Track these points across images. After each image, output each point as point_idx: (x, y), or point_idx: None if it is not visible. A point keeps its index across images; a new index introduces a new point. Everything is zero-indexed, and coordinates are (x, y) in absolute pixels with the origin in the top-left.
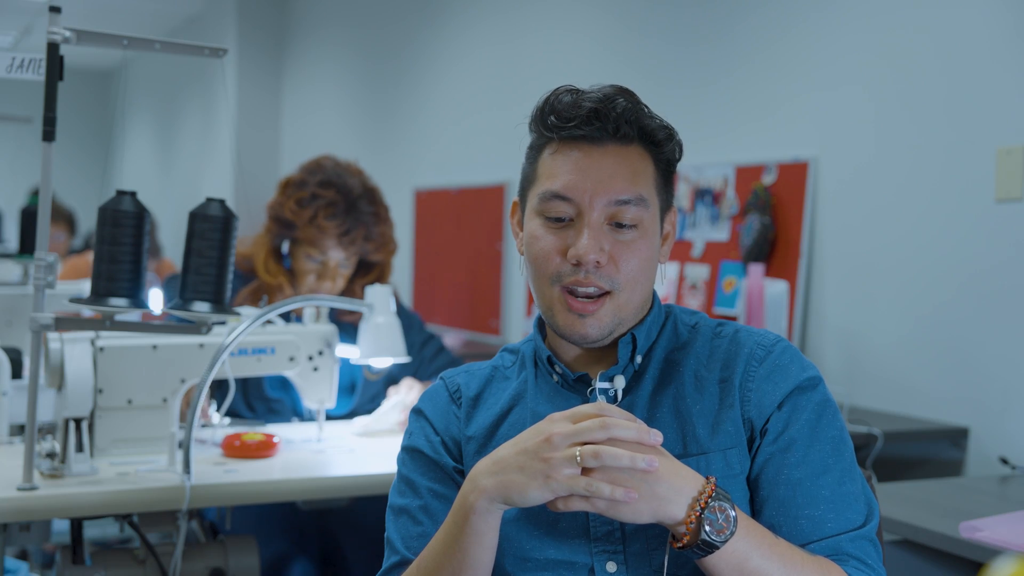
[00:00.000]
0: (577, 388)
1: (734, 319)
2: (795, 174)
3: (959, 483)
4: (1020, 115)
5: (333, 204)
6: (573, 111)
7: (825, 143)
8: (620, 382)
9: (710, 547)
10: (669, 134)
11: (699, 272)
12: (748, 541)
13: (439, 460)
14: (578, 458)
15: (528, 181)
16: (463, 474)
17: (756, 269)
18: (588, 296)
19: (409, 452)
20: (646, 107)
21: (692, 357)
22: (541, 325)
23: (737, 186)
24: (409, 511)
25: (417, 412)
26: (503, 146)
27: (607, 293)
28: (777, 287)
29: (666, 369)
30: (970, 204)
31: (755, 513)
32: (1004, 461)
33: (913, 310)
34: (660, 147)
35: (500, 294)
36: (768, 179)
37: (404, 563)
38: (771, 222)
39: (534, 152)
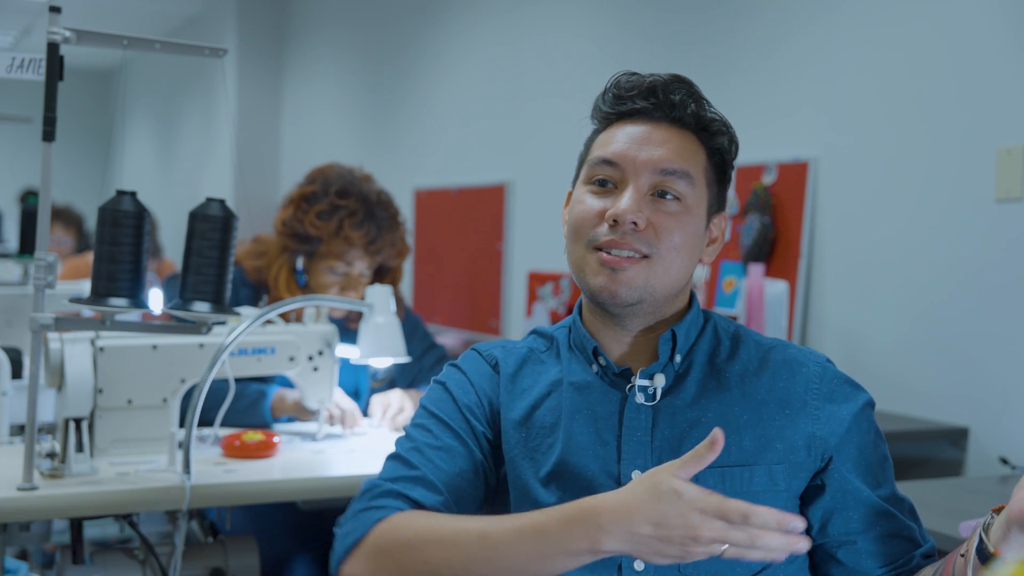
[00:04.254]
0: (617, 383)
1: (734, 319)
2: (795, 174)
3: (959, 483)
4: (1020, 115)
5: (355, 213)
6: (634, 85)
7: (825, 143)
8: (660, 380)
9: None
10: (724, 126)
11: (699, 272)
12: None
13: (468, 415)
14: (721, 554)
15: (581, 162)
16: (489, 441)
17: (756, 269)
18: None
19: (442, 388)
20: (706, 99)
21: (737, 364)
22: (581, 312)
23: (737, 186)
24: (426, 427)
25: (455, 367)
26: (503, 147)
27: (644, 257)
28: (777, 287)
29: (712, 375)
30: (970, 204)
31: (855, 530)
32: (1004, 461)
33: (913, 310)
34: (713, 137)
35: (500, 294)
36: (768, 179)
37: (424, 480)
38: (771, 222)
39: (591, 137)
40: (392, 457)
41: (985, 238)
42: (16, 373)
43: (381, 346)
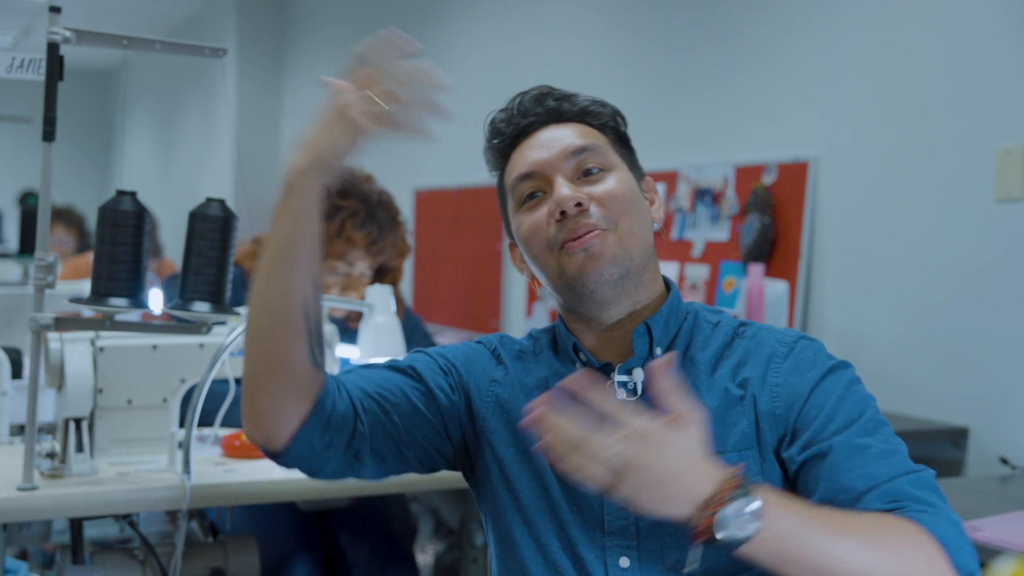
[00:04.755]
0: (598, 378)
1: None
2: (795, 174)
3: (959, 483)
4: (1020, 115)
5: (356, 213)
6: (505, 115)
7: (825, 143)
8: (639, 375)
9: (735, 545)
10: (600, 102)
11: (699, 272)
12: (781, 523)
13: (441, 362)
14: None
15: (503, 200)
16: (448, 394)
17: (756, 269)
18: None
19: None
20: (571, 92)
21: (709, 353)
22: (562, 317)
23: (737, 186)
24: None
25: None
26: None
27: (604, 231)
28: (777, 287)
29: (686, 365)
30: (970, 204)
31: (810, 492)
32: (1004, 461)
33: (913, 310)
34: (598, 117)
35: (500, 294)
36: (768, 179)
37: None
38: (771, 222)
39: (498, 181)
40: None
41: (985, 238)
42: (16, 373)
43: (381, 346)
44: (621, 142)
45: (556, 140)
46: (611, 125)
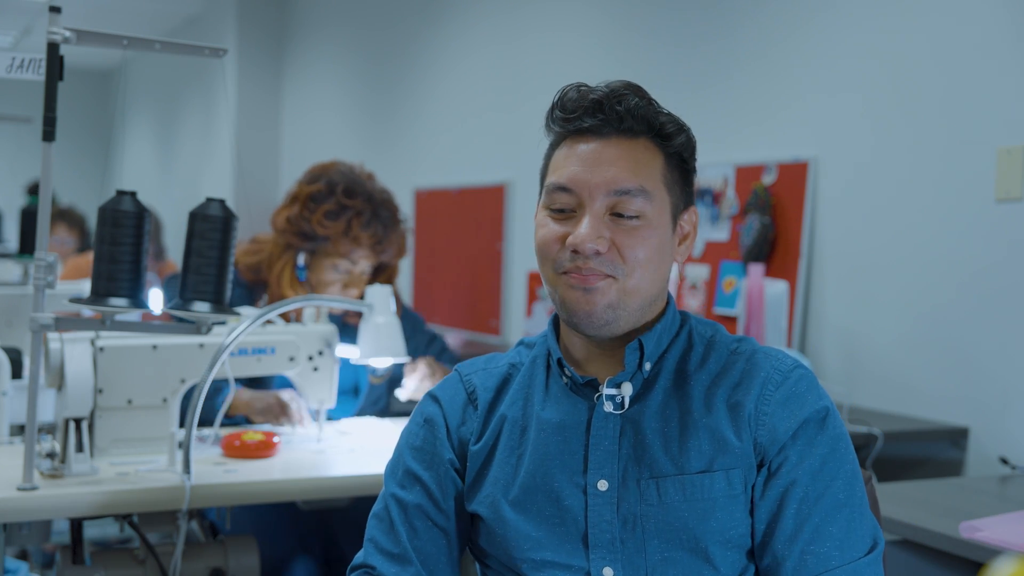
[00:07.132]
0: (584, 392)
1: (734, 319)
2: (795, 174)
3: (959, 483)
4: (1020, 115)
5: (361, 213)
6: (578, 104)
7: (825, 143)
8: (627, 389)
9: None
10: (679, 127)
11: (699, 272)
12: None
13: (440, 453)
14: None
15: (541, 180)
16: (460, 474)
17: (756, 269)
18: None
19: (426, 430)
20: (655, 102)
21: (704, 372)
22: (556, 323)
23: (737, 186)
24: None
25: (435, 401)
26: (503, 146)
27: (611, 277)
28: (777, 287)
29: (677, 380)
30: (970, 204)
31: (761, 539)
32: (1004, 461)
33: (913, 310)
34: (669, 140)
35: (500, 294)
36: (768, 179)
37: (400, 558)
38: (771, 222)
39: (548, 151)
40: (377, 519)
41: (985, 238)
42: (16, 373)
43: (381, 346)
44: (680, 169)
45: (607, 166)
46: (678, 151)
